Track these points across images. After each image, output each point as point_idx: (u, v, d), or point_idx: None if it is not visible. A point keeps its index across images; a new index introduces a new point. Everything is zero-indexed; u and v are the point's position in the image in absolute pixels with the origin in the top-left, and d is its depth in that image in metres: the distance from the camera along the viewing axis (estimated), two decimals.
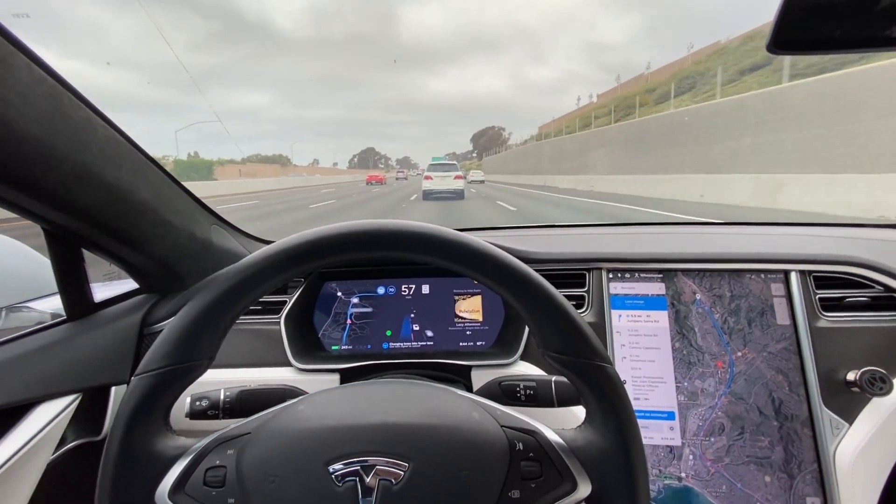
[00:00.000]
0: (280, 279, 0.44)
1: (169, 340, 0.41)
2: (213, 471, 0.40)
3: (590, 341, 0.42)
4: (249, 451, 0.40)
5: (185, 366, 0.42)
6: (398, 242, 0.42)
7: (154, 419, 0.41)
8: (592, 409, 0.42)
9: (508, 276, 0.42)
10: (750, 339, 0.78)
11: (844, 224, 1.08)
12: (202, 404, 0.54)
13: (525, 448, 0.41)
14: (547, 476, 0.40)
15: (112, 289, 0.83)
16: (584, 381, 0.42)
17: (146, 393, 0.40)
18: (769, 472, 0.73)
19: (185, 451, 0.41)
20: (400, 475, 0.38)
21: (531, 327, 0.44)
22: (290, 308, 0.81)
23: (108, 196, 0.59)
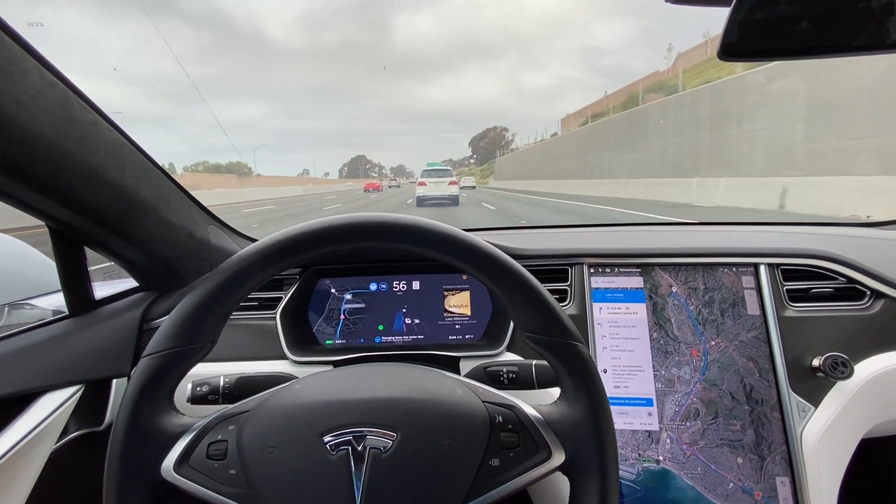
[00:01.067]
0: (276, 269, 0.47)
1: (175, 324, 0.45)
2: (216, 445, 0.43)
3: (562, 322, 0.46)
4: (249, 426, 0.43)
5: (190, 348, 0.45)
6: (382, 233, 0.46)
7: (160, 398, 0.44)
8: (566, 384, 0.46)
9: (488, 263, 0.46)
10: (723, 329, 0.83)
11: (812, 223, 1.14)
12: (203, 389, 0.57)
13: (504, 420, 0.45)
14: (524, 446, 0.44)
15: (111, 287, 0.86)
16: (558, 358, 0.46)
17: (153, 373, 0.43)
18: (741, 453, 0.78)
19: (188, 427, 0.44)
20: (388, 444, 0.42)
21: (510, 310, 0.48)
22: (285, 304, 0.84)
23: (112, 195, 0.62)
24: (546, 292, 0.47)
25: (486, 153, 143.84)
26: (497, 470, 0.43)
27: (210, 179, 45.00)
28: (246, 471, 0.41)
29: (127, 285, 0.85)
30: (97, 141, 0.57)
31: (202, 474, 0.42)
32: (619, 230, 1.06)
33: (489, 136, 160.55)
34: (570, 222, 1.27)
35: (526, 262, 0.90)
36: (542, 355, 0.47)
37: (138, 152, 0.67)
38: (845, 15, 0.44)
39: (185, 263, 0.81)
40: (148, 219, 0.69)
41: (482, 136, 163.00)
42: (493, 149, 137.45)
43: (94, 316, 0.76)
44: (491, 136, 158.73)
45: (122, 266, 0.77)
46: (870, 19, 0.42)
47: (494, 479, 0.42)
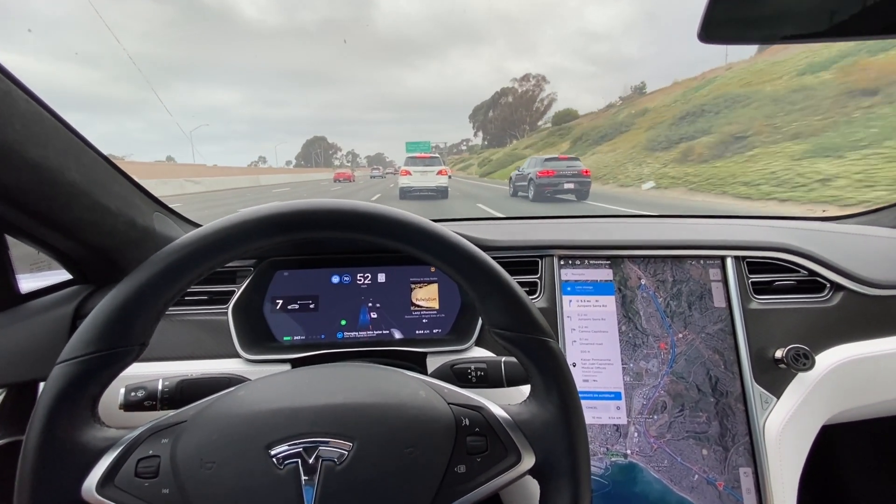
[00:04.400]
0: (217, 262, 0.42)
1: (95, 324, 0.39)
2: (146, 461, 0.38)
3: (533, 317, 0.43)
4: (185, 439, 0.39)
5: (114, 352, 0.39)
6: (338, 222, 0.42)
7: (79, 410, 0.38)
8: (536, 382, 0.44)
9: (454, 255, 0.43)
10: (690, 322, 0.83)
11: (777, 217, 1.16)
12: (137, 395, 0.51)
13: (471, 423, 0.42)
14: (492, 450, 0.41)
15: (40, 280, 0.77)
16: (528, 355, 0.43)
17: (69, 382, 0.38)
18: (706, 445, 0.78)
19: (114, 442, 0.39)
20: (344, 455, 0.38)
21: (477, 304, 0.44)
22: (238, 297, 0.79)
23: (32, 177, 0.55)
24: (516, 286, 0.44)
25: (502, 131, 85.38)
26: (463, 477, 0.40)
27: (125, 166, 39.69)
28: (181, 490, 0.37)
29: (59, 277, 0.77)
30: (10, 113, 0.50)
31: (130, 495, 0.37)
32: (590, 222, 1.05)
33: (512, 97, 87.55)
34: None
35: (496, 253, 0.87)
36: (511, 352, 0.44)
37: (66, 129, 0.60)
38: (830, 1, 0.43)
39: (125, 254, 0.74)
40: (78, 204, 0.62)
41: (495, 102, 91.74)
42: (515, 121, 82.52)
43: (19, 311, 0.69)
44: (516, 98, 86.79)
45: (50, 256, 0.69)
46: (855, 5, 0.40)
47: (461, 486, 0.39)
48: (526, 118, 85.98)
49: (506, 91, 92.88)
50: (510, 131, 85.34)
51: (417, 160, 14.54)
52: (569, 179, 11.79)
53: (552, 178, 11.83)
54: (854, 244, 0.97)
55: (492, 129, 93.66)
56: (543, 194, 11.88)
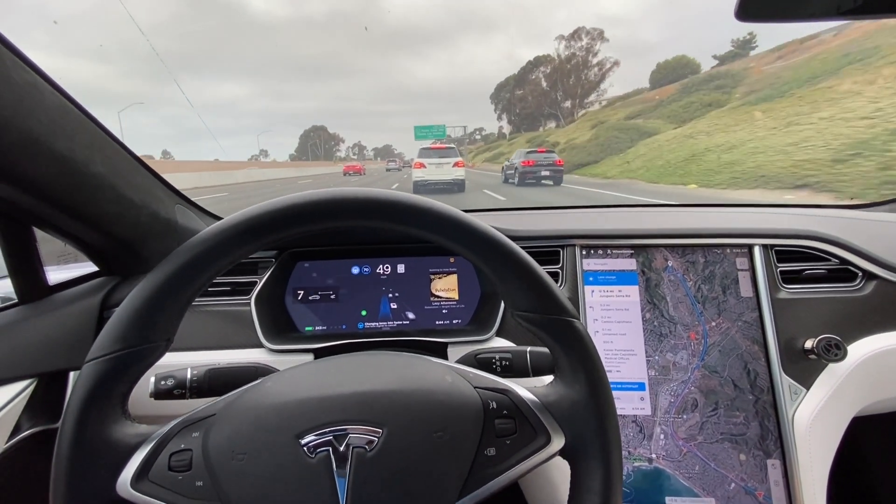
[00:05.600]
0: (238, 255, 0.41)
1: (122, 322, 0.39)
2: (178, 455, 0.38)
3: (556, 297, 0.42)
4: (215, 432, 0.39)
5: (141, 349, 0.39)
6: (359, 211, 0.41)
7: (110, 407, 0.39)
8: (562, 363, 0.43)
9: (474, 239, 0.42)
10: (724, 308, 0.79)
11: (805, 205, 1.13)
12: (167, 384, 0.52)
13: (499, 406, 0.41)
14: (521, 432, 0.41)
15: (68, 272, 0.79)
16: (553, 336, 0.42)
17: (99, 380, 0.38)
18: (744, 449, 0.73)
19: (146, 438, 0.39)
20: (374, 441, 0.38)
21: (499, 288, 0.44)
22: (260, 288, 0.79)
23: (59, 169, 0.55)
24: (537, 267, 0.43)
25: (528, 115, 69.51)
26: (494, 460, 0.40)
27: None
28: (214, 482, 0.37)
29: (85, 269, 0.79)
30: (36, 105, 0.50)
31: (165, 489, 0.37)
32: (612, 211, 1.03)
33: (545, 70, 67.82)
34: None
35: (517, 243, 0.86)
36: (535, 335, 0.43)
37: (91, 122, 0.60)
38: None
39: (149, 245, 0.75)
40: (103, 196, 0.62)
41: (524, 77, 71.57)
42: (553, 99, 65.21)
43: (48, 303, 0.70)
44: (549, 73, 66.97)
45: (77, 248, 0.70)
46: None
47: (491, 469, 0.39)
48: (576, 90, 64.82)
49: (541, 60, 70.32)
50: (549, 110, 67.70)
51: (432, 151, 13.60)
52: (545, 168, 14.75)
53: (532, 167, 14.78)
54: (886, 232, 0.94)
55: (521, 110, 73.51)
56: (525, 180, 14.76)
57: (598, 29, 70.15)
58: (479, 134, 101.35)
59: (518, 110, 74.28)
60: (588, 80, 65.22)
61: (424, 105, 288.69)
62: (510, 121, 78.44)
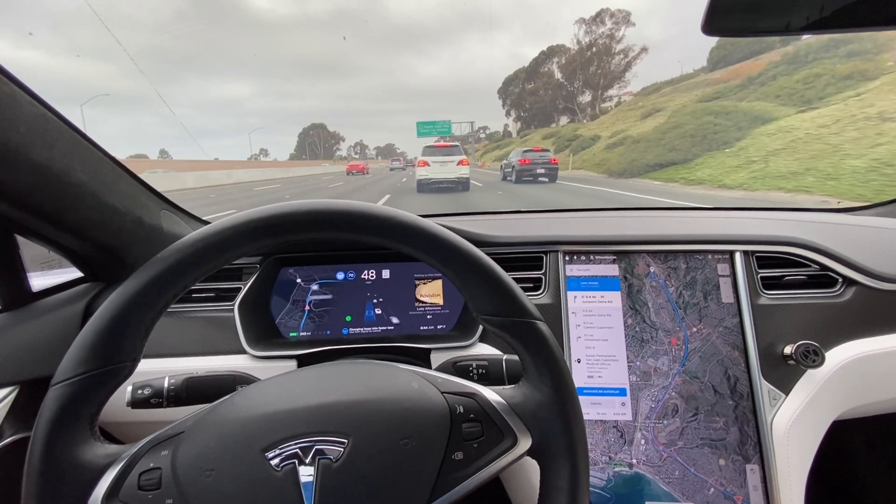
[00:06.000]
0: (203, 270, 0.41)
1: (85, 344, 0.39)
2: (148, 474, 0.38)
3: (519, 300, 0.43)
4: (184, 450, 0.39)
5: (106, 370, 0.39)
6: (323, 223, 0.41)
7: (78, 429, 0.39)
8: (528, 365, 0.44)
9: (434, 245, 0.43)
10: (706, 314, 0.80)
11: (789, 209, 1.14)
12: (144, 392, 0.52)
13: (466, 410, 0.42)
14: (488, 435, 0.41)
15: (52, 278, 0.79)
16: (518, 339, 0.43)
17: (65, 403, 0.38)
18: (724, 454, 0.74)
19: (115, 458, 0.39)
20: (339, 452, 0.38)
21: (463, 293, 0.44)
22: (244, 294, 0.79)
23: (39, 178, 0.55)
24: (499, 270, 0.44)
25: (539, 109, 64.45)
26: (461, 463, 0.40)
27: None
28: (183, 499, 0.37)
29: (70, 276, 0.79)
30: (15, 116, 0.51)
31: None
32: (595, 216, 1.04)
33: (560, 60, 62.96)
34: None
35: (499, 249, 0.87)
36: (501, 338, 0.44)
37: (71, 130, 0.60)
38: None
39: (133, 252, 0.75)
40: (85, 204, 0.63)
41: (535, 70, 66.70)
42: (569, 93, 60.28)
43: (31, 310, 0.70)
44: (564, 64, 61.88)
45: (61, 255, 0.70)
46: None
47: (459, 473, 0.40)
48: (598, 80, 58.68)
49: (555, 51, 64.33)
50: (565, 104, 61.90)
51: (436, 149, 13.20)
52: (540, 166, 15.62)
53: (528, 165, 15.65)
54: (867, 237, 0.95)
55: (532, 105, 67.49)
56: (522, 178, 15.65)
57: (625, 11, 58.09)
58: (484, 133, 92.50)
59: (528, 105, 68.87)
60: (611, 69, 58.77)
61: (427, 104, 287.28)
62: (519, 116, 73.37)
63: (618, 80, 58.53)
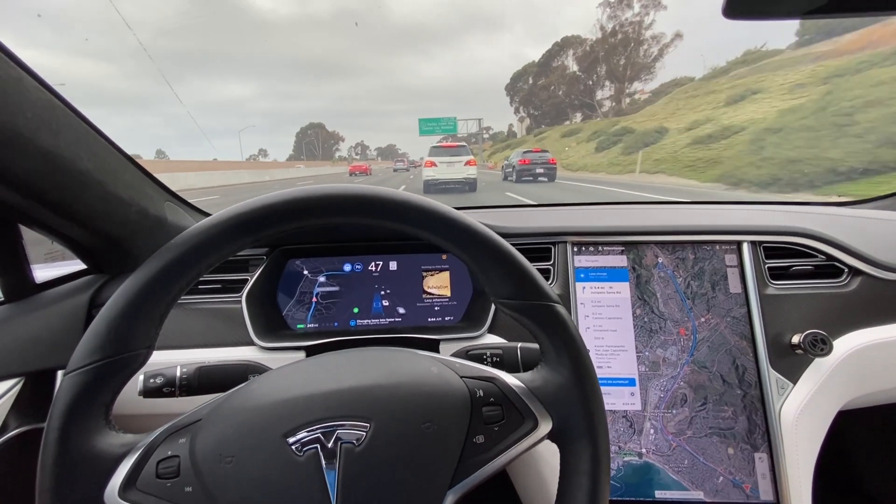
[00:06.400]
0: (216, 257, 0.41)
1: (99, 332, 0.38)
2: (166, 462, 0.38)
3: (536, 283, 0.43)
4: (202, 437, 0.39)
5: (121, 358, 0.39)
6: (339, 208, 0.41)
7: (93, 418, 0.38)
8: (546, 348, 0.44)
9: (452, 229, 0.42)
10: (714, 304, 0.80)
11: (793, 202, 1.14)
12: (156, 381, 0.52)
13: (486, 394, 0.42)
14: (509, 418, 0.41)
15: (55, 269, 0.78)
16: (536, 322, 0.43)
17: (79, 391, 0.37)
18: (732, 443, 0.74)
19: (132, 447, 0.39)
20: (362, 436, 0.38)
21: (480, 277, 0.44)
22: (251, 286, 0.79)
23: (44, 165, 0.54)
24: (517, 253, 0.43)
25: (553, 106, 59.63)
26: (483, 447, 0.40)
27: None
28: (203, 487, 0.36)
29: (74, 267, 0.78)
30: (21, 101, 0.50)
31: (154, 496, 0.37)
32: (603, 208, 1.04)
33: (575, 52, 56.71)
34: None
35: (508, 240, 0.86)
36: (518, 322, 0.44)
37: (78, 118, 0.59)
38: None
39: (138, 243, 0.74)
40: (91, 193, 0.62)
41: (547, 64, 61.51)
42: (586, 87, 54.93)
43: (35, 301, 0.69)
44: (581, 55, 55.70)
45: (65, 246, 0.69)
46: None
47: (481, 456, 0.40)
48: (625, 71, 51.72)
49: (569, 42, 56.93)
50: (584, 98, 55.59)
51: (443, 150, 13.12)
52: (539, 166, 16.35)
53: (528, 165, 16.40)
54: (872, 228, 0.95)
55: (544, 101, 61.12)
56: (522, 177, 16.34)
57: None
58: (487, 133, 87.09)
59: (539, 102, 63.19)
60: (638, 59, 51.62)
61: (430, 104, 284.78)
62: (529, 114, 67.27)
63: (649, 69, 52.07)
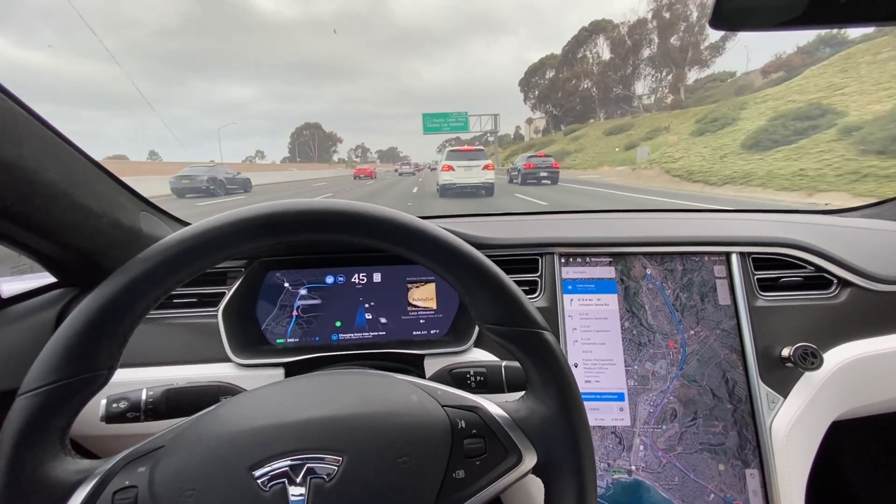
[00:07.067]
0: (188, 272, 0.39)
1: (56, 351, 0.36)
2: (123, 493, 0.35)
3: (524, 308, 0.41)
4: (163, 466, 0.36)
5: (79, 379, 0.36)
6: (321, 224, 0.39)
7: (47, 442, 0.36)
8: (533, 376, 0.42)
9: (437, 249, 0.40)
10: (703, 317, 0.79)
11: (781, 210, 1.14)
12: (119, 406, 0.49)
13: (468, 425, 0.40)
14: (491, 452, 0.39)
15: (24, 283, 0.75)
16: (523, 349, 0.41)
17: (33, 414, 0.35)
18: (723, 459, 0.73)
19: (88, 474, 0.36)
20: (333, 471, 0.35)
21: (465, 300, 0.42)
22: (228, 300, 0.76)
23: (7, 177, 0.52)
24: (505, 277, 0.41)
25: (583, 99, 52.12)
26: (463, 483, 0.38)
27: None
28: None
29: (43, 280, 0.75)
30: None
31: None
32: (591, 217, 1.03)
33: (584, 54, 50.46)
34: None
35: (495, 251, 0.85)
36: (504, 348, 0.42)
37: (42, 127, 0.57)
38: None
39: (110, 255, 0.71)
40: (58, 205, 0.59)
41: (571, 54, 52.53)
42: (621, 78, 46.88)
43: (0, 317, 0.66)
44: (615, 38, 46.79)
45: (32, 259, 0.66)
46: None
47: (461, 493, 0.37)
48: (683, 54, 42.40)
49: (601, 27, 48.49)
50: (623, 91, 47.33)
51: (461, 154, 13.01)
52: (543, 170, 17.52)
53: (533, 169, 17.68)
54: (859, 238, 0.95)
55: (567, 96, 52.11)
56: (527, 180, 17.45)
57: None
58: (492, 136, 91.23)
59: (562, 96, 53.45)
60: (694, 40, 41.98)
61: (432, 107, 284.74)
62: (547, 112, 59.51)
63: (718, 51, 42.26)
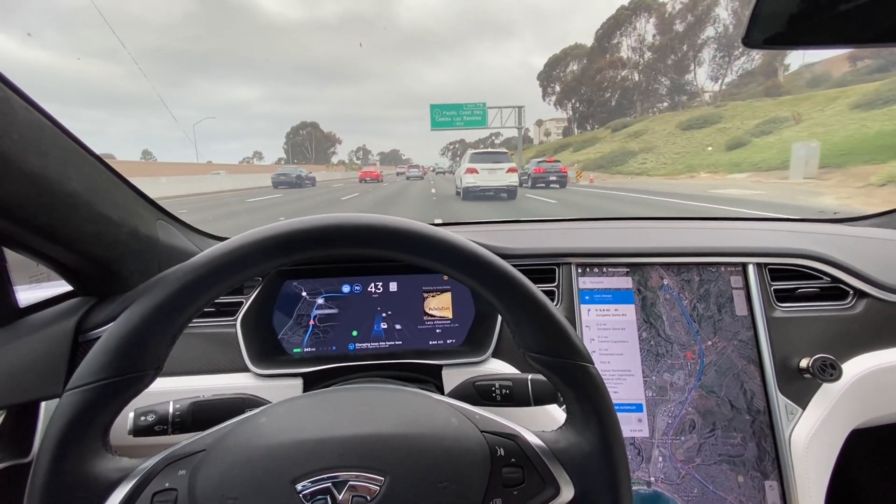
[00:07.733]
0: (237, 279, 0.40)
1: (108, 349, 0.37)
2: (162, 494, 0.36)
3: (571, 341, 0.41)
4: (204, 471, 0.36)
5: (127, 378, 0.37)
6: (374, 239, 0.40)
7: (90, 439, 0.36)
8: (574, 409, 0.41)
9: (489, 274, 0.40)
10: (720, 327, 0.79)
11: (793, 219, 1.14)
12: (148, 419, 0.49)
13: (506, 454, 0.39)
14: (529, 482, 0.39)
15: (41, 291, 0.74)
16: (566, 381, 0.41)
17: (80, 410, 0.36)
18: (742, 471, 0.73)
19: (128, 473, 0.36)
20: (375, 490, 0.35)
21: (511, 327, 0.42)
22: (246, 309, 0.76)
23: (31, 188, 0.52)
24: (552, 307, 0.41)
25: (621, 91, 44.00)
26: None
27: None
28: None
29: (59, 289, 0.74)
30: (8, 122, 0.47)
31: None
32: (607, 225, 1.02)
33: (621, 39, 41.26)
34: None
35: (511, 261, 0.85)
36: (547, 378, 0.42)
37: (66, 138, 0.57)
38: (875, 5, 0.40)
39: (128, 265, 0.71)
40: (79, 215, 0.59)
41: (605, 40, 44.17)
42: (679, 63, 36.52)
43: (18, 327, 0.65)
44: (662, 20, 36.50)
45: (50, 268, 0.66)
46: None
47: None
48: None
49: (644, 5, 41.59)
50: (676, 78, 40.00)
51: (485, 156, 13.10)
52: (552, 174, 18.36)
53: (542, 174, 18.52)
54: (873, 248, 0.95)
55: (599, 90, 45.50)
56: (536, 184, 18.41)
57: None
58: (497, 138, 79.43)
59: (592, 89, 45.49)
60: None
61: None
62: (572, 107, 52.63)
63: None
